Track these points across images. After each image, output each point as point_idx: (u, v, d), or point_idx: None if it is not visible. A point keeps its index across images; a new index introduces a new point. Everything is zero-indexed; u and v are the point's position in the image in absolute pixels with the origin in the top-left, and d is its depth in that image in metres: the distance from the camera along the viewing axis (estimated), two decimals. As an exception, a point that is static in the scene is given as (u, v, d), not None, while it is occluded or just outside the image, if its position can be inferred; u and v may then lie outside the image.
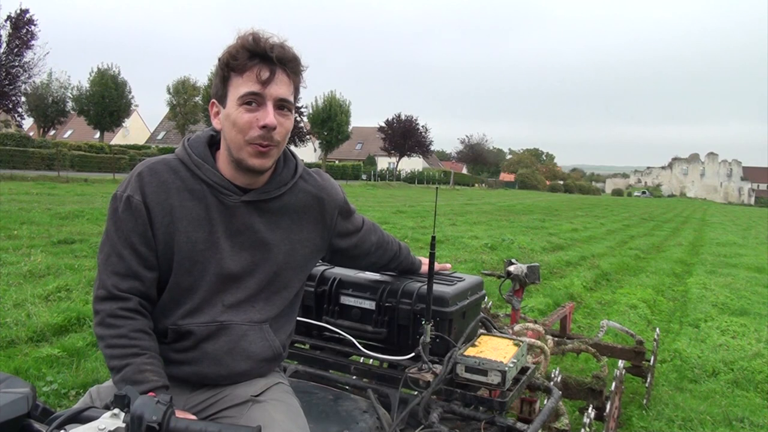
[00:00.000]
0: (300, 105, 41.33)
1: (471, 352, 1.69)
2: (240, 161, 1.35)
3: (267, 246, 1.43)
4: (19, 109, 29.37)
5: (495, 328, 1.98)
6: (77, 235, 8.55)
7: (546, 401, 1.86)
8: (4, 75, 26.43)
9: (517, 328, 2.77)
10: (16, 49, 26.65)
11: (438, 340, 1.76)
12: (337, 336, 1.95)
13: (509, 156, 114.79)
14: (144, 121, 65.32)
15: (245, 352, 1.40)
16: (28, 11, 26.78)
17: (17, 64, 26.93)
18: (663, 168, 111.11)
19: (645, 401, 3.66)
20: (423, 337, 1.68)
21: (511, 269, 2.97)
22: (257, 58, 1.30)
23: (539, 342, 2.50)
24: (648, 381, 3.69)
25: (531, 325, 2.85)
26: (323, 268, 2.04)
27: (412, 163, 61.75)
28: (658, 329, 4.33)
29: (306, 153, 54.63)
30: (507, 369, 1.59)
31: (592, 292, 7.57)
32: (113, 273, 1.33)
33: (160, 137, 59.13)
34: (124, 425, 0.96)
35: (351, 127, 47.79)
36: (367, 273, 1.97)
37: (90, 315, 4.41)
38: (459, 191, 46.79)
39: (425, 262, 1.96)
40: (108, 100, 39.15)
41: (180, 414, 1.12)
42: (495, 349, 1.73)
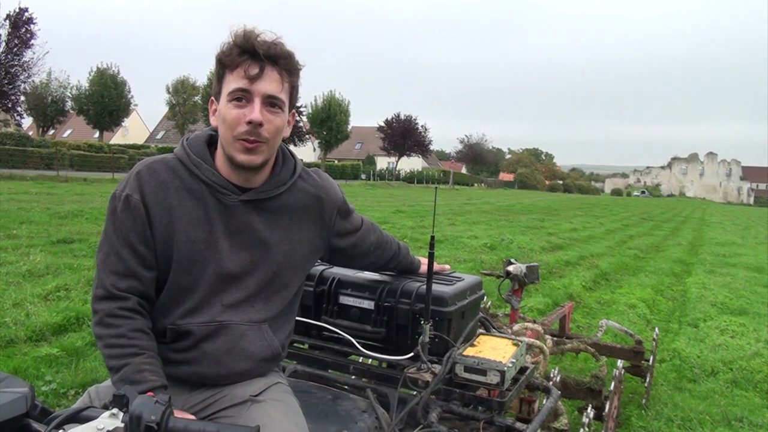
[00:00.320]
0: (299, 105, 41.32)
1: (470, 351, 1.70)
2: (230, 157, 1.36)
3: (266, 245, 1.43)
4: (19, 109, 29.31)
5: (494, 327, 1.98)
6: (76, 235, 8.54)
7: (545, 401, 1.86)
8: (3, 74, 26.37)
9: (516, 327, 2.77)
10: (15, 49, 26.59)
11: (437, 339, 1.76)
12: (336, 336, 1.95)
13: (508, 156, 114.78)
14: (143, 121, 65.24)
15: (244, 352, 1.40)
16: (27, 10, 26.74)
17: (16, 63, 26.88)
18: (662, 168, 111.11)
19: (644, 401, 3.66)
20: (422, 337, 1.68)
21: (510, 269, 2.97)
22: (247, 54, 1.30)
23: (538, 342, 2.49)
24: (647, 381, 3.69)
25: (530, 325, 2.85)
26: (322, 267, 2.04)
27: (411, 163, 61.72)
28: (657, 329, 4.34)
29: (305, 153, 54.59)
30: (506, 369, 1.60)
31: (591, 291, 7.57)
32: (112, 272, 1.33)
33: (159, 137, 59.06)
34: (122, 425, 0.96)
35: (350, 127, 47.73)
36: (366, 273, 1.97)
37: (89, 314, 4.41)
38: (458, 191, 46.77)
39: (424, 261, 1.96)
40: (107, 99, 39.10)
41: (179, 414, 1.12)
42: (494, 349, 1.73)
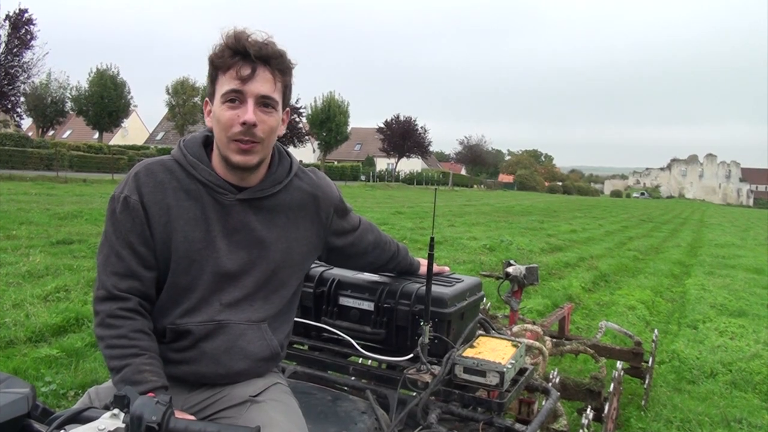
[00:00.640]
0: (299, 106, 41.30)
1: (469, 353, 1.70)
2: (226, 158, 1.37)
3: (263, 244, 1.44)
4: (18, 109, 29.33)
5: (493, 329, 1.99)
6: (76, 236, 8.54)
7: (544, 402, 1.86)
8: (3, 75, 26.38)
9: (516, 329, 2.77)
10: (15, 49, 26.61)
11: (436, 341, 1.76)
12: (336, 337, 1.95)
13: (508, 157, 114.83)
14: (143, 122, 65.25)
15: (243, 351, 1.41)
16: (27, 11, 26.75)
17: (16, 64, 26.89)
18: (662, 169, 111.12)
19: (643, 402, 3.66)
20: (421, 338, 1.69)
21: (510, 270, 2.97)
22: (239, 55, 1.31)
23: (537, 343, 2.49)
24: (646, 382, 3.69)
25: (529, 326, 2.85)
26: (322, 269, 2.04)
27: (410, 164, 61.72)
28: (656, 330, 4.34)
29: (305, 154, 54.59)
30: (505, 370, 1.60)
31: (590, 293, 7.58)
32: (112, 273, 1.34)
33: (159, 138, 59.06)
34: (123, 425, 0.96)
35: (350, 128, 47.72)
36: (366, 274, 1.98)
37: (89, 315, 4.41)
38: (458, 192, 46.79)
39: (424, 263, 1.97)
40: (107, 100, 39.10)
41: (179, 414, 1.12)
42: (493, 350, 1.73)
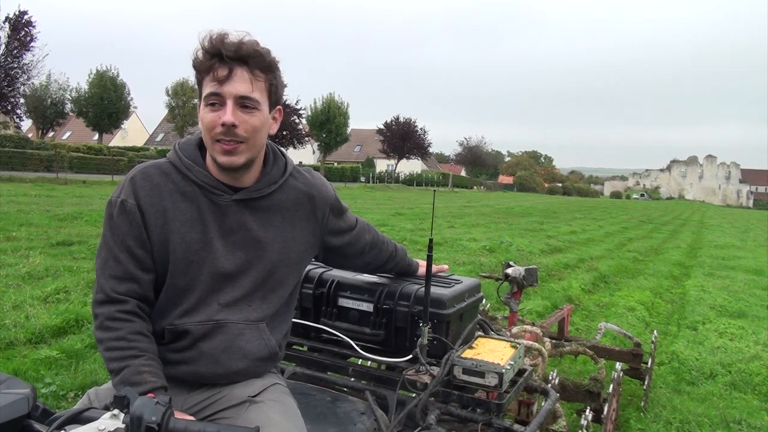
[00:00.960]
0: (299, 107, 41.30)
1: (468, 354, 1.70)
2: (214, 159, 1.38)
3: (260, 244, 1.44)
4: (18, 111, 29.30)
5: (492, 330, 1.99)
6: (76, 237, 8.55)
7: (543, 403, 1.86)
8: (3, 76, 26.36)
9: (515, 330, 2.78)
10: (14, 51, 26.60)
11: (435, 342, 1.77)
12: (335, 338, 1.96)
13: (508, 158, 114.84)
14: (143, 123, 65.26)
15: (241, 350, 1.41)
16: (26, 12, 26.76)
17: (16, 65, 26.87)
18: (661, 170, 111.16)
19: (643, 403, 3.66)
20: (420, 339, 1.69)
21: (509, 272, 2.98)
22: (215, 58, 1.32)
23: (537, 344, 2.50)
24: (646, 383, 3.69)
25: (529, 328, 2.86)
26: (321, 270, 2.05)
27: (410, 166, 61.74)
28: (656, 331, 4.35)
29: (305, 155, 54.62)
30: (504, 371, 1.60)
31: (590, 294, 7.58)
32: (111, 276, 1.35)
33: (158, 139, 59.07)
34: (123, 426, 0.97)
35: (350, 129, 47.75)
36: (365, 275, 1.98)
37: (88, 317, 4.41)
38: (457, 193, 46.79)
39: (422, 264, 1.97)
40: (107, 101, 39.14)
41: (179, 415, 1.13)
42: (492, 351, 1.74)
